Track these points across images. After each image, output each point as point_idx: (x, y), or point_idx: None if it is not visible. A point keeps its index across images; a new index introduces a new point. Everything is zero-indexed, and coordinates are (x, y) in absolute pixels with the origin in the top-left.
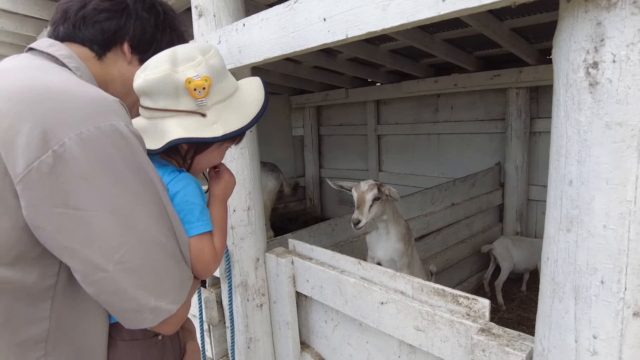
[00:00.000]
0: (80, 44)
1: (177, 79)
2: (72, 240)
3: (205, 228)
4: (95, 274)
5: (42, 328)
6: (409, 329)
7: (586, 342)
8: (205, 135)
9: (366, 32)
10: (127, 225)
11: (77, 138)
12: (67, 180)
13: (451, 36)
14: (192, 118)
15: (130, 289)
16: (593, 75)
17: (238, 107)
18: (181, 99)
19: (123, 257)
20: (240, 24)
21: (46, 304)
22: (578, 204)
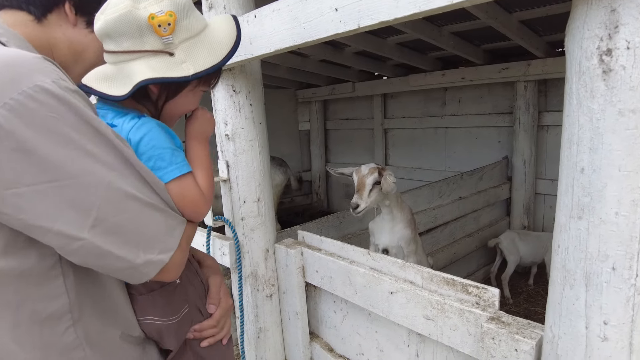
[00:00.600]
0: (17, 9)
1: (140, 16)
2: (37, 219)
3: (180, 170)
4: (72, 244)
5: (62, 302)
6: (418, 318)
7: (597, 328)
8: (174, 75)
9: (378, 21)
10: (88, 186)
11: (4, 111)
12: (11, 158)
13: (459, 29)
14: (159, 58)
15: (114, 249)
16: (607, 62)
17: (209, 45)
18: (146, 38)
19: (95, 220)
20: (252, 15)
21: (58, 281)
22: (590, 192)
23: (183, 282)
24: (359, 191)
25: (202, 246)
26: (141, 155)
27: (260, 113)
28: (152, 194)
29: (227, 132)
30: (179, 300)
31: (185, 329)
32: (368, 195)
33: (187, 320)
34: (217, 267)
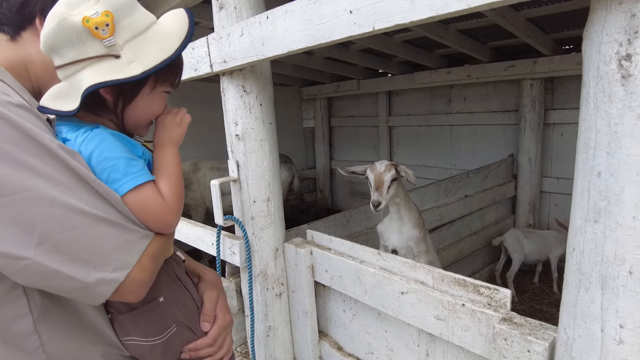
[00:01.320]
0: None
1: (73, 21)
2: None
3: (137, 180)
4: (16, 264)
5: (26, 323)
6: (429, 318)
7: (612, 331)
8: (121, 76)
9: (394, 24)
10: (29, 202)
11: None
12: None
13: (466, 27)
14: (104, 62)
15: (62, 268)
16: (626, 67)
17: (157, 40)
18: (87, 44)
19: (40, 238)
20: (264, 17)
21: (21, 302)
22: (607, 196)
23: (167, 299)
24: (378, 189)
25: (212, 245)
26: (94, 168)
27: (270, 113)
28: (106, 207)
29: (238, 132)
30: (163, 319)
31: (176, 350)
32: (387, 192)
33: (177, 341)
34: (216, 281)
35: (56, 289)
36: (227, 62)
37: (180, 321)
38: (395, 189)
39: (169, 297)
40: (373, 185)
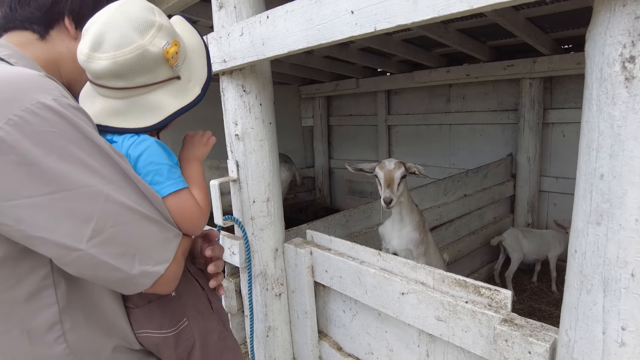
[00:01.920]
0: (21, 29)
1: (155, 53)
2: (36, 230)
3: (177, 186)
4: (70, 254)
5: (52, 312)
6: (429, 319)
7: (614, 333)
8: (191, 98)
9: (395, 25)
10: (86, 198)
11: (7, 126)
12: (12, 171)
13: (465, 26)
14: (171, 84)
15: (110, 260)
16: (629, 69)
17: (194, 58)
18: (159, 70)
19: (93, 232)
20: (264, 16)
21: (49, 291)
22: (609, 198)
23: (179, 294)
24: (389, 186)
25: None
26: (139, 170)
27: (269, 113)
28: (149, 206)
29: (237, 132)
30: (176, 312)
31: (187, 344)
32: (397, 187)
33: (188, 335)
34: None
35: (101, 279)
36: (226, 61)
37: (191, 315)
38: (404, 186)
39: (181, 291)
40: (383, 182)
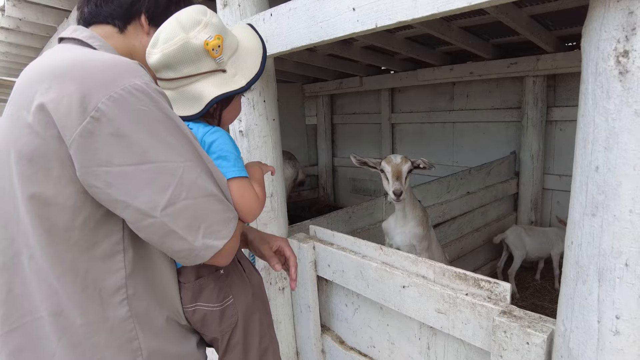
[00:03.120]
0: (104, 23)
1: (196, 44)
2: (121, 194)
3: (241, 173)
4: (145, 220)
5: (120, 276)
6: (430, 312)
7: (609, 322)
8: (233, 88)
9: (396, 21)
10: (166, 172)
11: (108, 101)
12: (108, 141)
13: (468, 24)
14: (216, 76)
15: (178, 230)
16: (623, 63)
17: (247, 56)
18: (202, 62)
19: (168, 202)
20: (268, 14)
21: (119, 257)
22: (604, 190)
23: (227, 272)
24: (397, 178)
25: None
26: (210, 155)
27: (273, 109)
28: (216, 187)
29: (241, 128)
30: (223, 289)
31: (231, 321)
32: (405, 182)
33: (232, 312)
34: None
35: (167, 247)
36: None
37: (236, 294)
38: (409, 182)
39: (229, 270)
40: (391, 175)
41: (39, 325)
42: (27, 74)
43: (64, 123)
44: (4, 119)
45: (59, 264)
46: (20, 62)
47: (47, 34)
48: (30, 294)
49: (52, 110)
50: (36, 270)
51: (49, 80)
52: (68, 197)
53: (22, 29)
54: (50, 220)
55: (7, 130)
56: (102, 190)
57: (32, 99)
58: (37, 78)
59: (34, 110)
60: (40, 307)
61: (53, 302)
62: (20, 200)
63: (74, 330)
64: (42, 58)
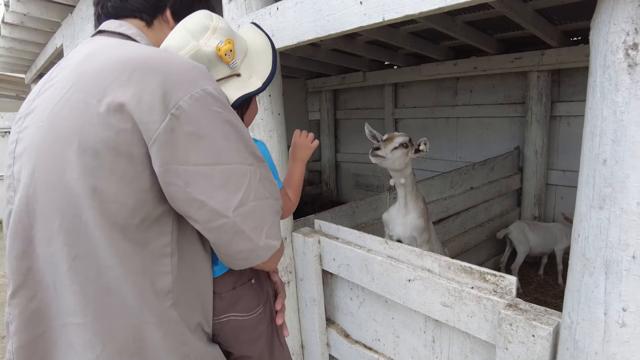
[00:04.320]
0: (132, 17)
1: (208, 52)
2: (198, 193)
3: (279, 185)
4: (218, 220)
5: (168, 281)
6: (435, 305)
7: (615, 314)
8: (250, 90)
9: (403, 15)
10: (238, 174)
11: (190, 100)
12: (187, 140)
13: (473, 18)
14: (231, 81)
15: (247, 230)
16: (632, 56)
17: (258, 57)
18: (216, 68)
19: (239, 203)
20: (274, 8)
21: (166, 260)
22: (611, 182)
23: (255, 283)
24: (385, 141)
25: None
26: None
27: (278, 104)
28: (274, 189)
29: None
30: (254, 297)
31: (260, 330)
32: (391, 150)
33: (262, 320)
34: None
35: (233, 246)
36: None
37: (264, 302)
38: (402, 158)
39: (256, 280)
40: (383, 139)
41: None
42: (93, 63)
43: (146, 119)
44: (64, 106)
45: (121, 261)
46: (24, 57)
47: (51, 29)
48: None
49: (132, 104)
50: (84, 270)
51: (127, 73)
52: (129, 194)
53: (26, 24)
54: (111, 215)
55: (72, 118)
56: (181, 189)
57: (105, 90)
58: (111, 69)
59: (109, 102)
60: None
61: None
62: (82, 193)
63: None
64: (105, 48)
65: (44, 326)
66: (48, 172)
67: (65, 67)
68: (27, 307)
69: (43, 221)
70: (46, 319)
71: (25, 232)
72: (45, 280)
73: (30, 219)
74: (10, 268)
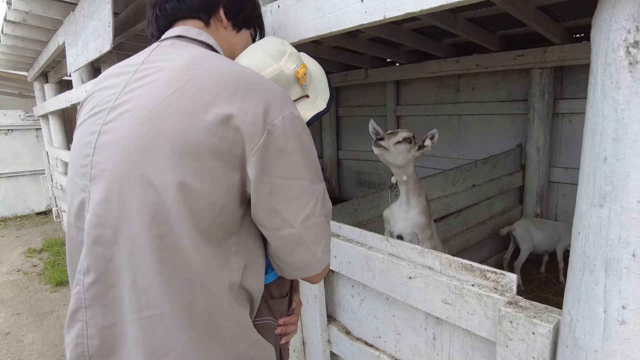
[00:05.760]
0: (190, 18)
1: (288, 74)
2: (277, 202)
3: None
4: (286, 229)
5: (237, 277)
6: (436, 302)
7: (615, 312)
8: (319, 110)
9: (404, 12)
10: (309, 190)
11: (282, 120)
12: (275, 154)
13: (475, 15)
14: (303, 102)
15: (308, 242)
16: (633, 54)
17: (318, 81)
18: (293, 89)
19: (306, 217)
20: (275, 6)
21: (234, 257)
22: (612, 180)
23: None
24: (389, 134)
25: None
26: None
27: None
28: (329, 207)
29: None
30: (285, 308)
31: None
32: (395, 143)
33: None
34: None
35: (294, 256)
36: None
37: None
38: (405, 154)
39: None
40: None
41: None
42: (199, 72)
43: (250, 131)
44: (168, 108)
45: (203, 255)
46: (26, 55)
47: (53, 27)
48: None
49: (239, 116)
50: (172, 260)
51: (232, 87)
52: (219, 196)
53: (29, 22)
54: (200, 214)
55: (177, 120)
56: (265, 197)
57: (213, 101)
58: (217, 81)
59: (217, 112)
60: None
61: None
62: (178, 190)
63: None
64: (205, 59)
65: (115, 318)
66: (145, 167)
67: (161, 68)
68: (107, 295)
69: (133, 213)
70: (118, 312)
71: (113, 222)
72: (122, 274)
73: (120, 210)
74: (93, 254)
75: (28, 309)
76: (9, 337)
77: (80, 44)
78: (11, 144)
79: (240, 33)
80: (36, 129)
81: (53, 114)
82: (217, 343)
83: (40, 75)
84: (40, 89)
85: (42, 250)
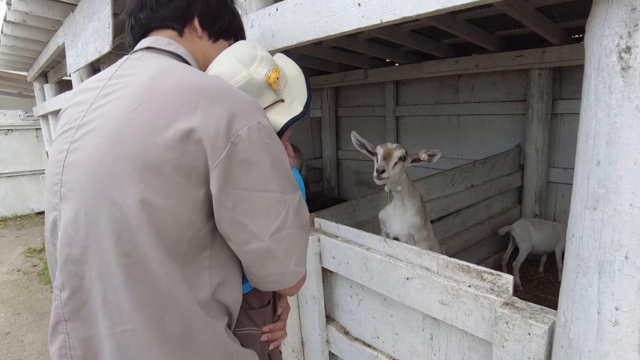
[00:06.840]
0: (164, 28)
1: (259, 80)
2: (243, 215)
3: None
4: (255, 243)
5: (207, 293)
6: (433, 303)
7: (608, 313)
8: (295, 114)
9: (401, 17)
10: (279, 202)
11: (247, 131)
12: (239, 166)
13: (473, 16)
14: (278, 107)
15: (279, 255)
16: (625, 59)
17: (294, 83)
18: (265, 95)
19: (276, 229)
20: (274, 9)
21: (206, 273)
22: (605, 184)
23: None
24: (385, 159)
25: None
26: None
27: None
28: (305, 218)
29: None
30: (268, 317)
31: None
32: (392, 167)
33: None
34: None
35: (263, 270)
36: None
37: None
38: (401, 172)
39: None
40: (381, 156)
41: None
42: (161, 86)
43: (212, 144)
44: (129, 125)
45: (170, 272)
46: (26, 55)
47: (52, 28)
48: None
49: (200, 130)
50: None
51: (194, 99)
52: (184, 211)
53: (28, 23)
54: (166, 230)
55: (137, 137)
56: (229, 211)
57: (174, 115)
58: (178, 94)
59: (177, 127)
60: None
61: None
62: (141, 208)
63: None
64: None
65: (93, 331)
66: (108, 186)
67: (125, 84)
68: (84, 309)
69: (101, 232)
70: (95, 325)
71: (81, 242)
72: (94, 291)
73: (88, 229)
74: (65, 272)
75: (28, 309)
76: (9, 337)
77: (80, 44)
78: (11, 144)
79: (217, 43)
80: (36, 129)
81: (53, 114)
82: (191, 355)
83: (40, 76)
84: (40, 89)
85: (42, 250)
